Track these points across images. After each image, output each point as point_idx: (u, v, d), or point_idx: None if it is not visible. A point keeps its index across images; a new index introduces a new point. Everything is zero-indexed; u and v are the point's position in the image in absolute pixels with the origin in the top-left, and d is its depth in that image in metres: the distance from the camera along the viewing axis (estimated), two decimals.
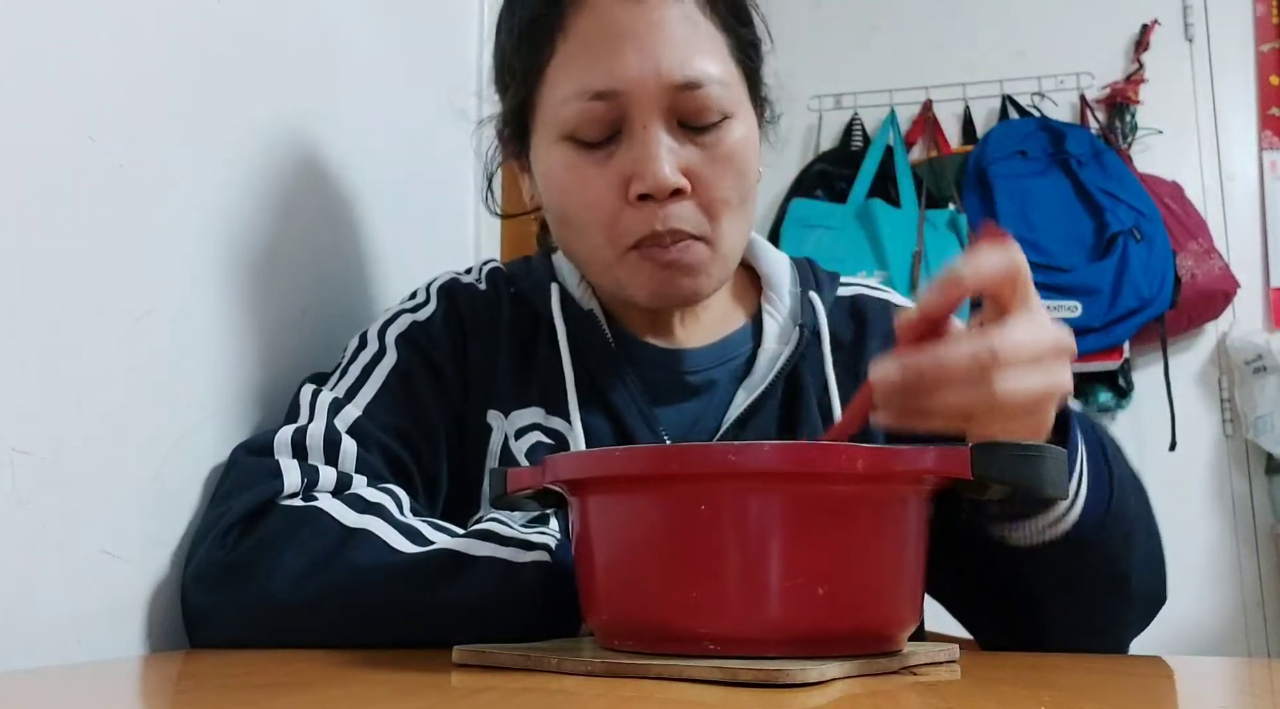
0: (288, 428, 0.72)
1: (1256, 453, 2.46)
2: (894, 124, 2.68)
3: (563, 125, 0.73)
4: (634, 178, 0.71)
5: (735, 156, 0.73)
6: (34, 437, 0.59)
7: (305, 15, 0.91)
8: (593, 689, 0.44)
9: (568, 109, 0.72)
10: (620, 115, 0.71)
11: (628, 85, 0.70)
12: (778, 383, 0.79)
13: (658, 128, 0.71)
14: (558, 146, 0.74)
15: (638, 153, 0.71)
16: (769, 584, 0.47)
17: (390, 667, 0.52)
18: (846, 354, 0.82)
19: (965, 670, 0.52)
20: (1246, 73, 2.64)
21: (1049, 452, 0.47)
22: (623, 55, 0.70)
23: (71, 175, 0.63)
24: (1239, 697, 0.51)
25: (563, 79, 0.72)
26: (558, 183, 0.75)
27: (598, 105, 0.71)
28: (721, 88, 0.72)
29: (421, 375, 0.78)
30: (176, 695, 0.49)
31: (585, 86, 0.71)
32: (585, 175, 0.72)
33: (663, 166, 0.70)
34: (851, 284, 0.88)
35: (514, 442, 0.77)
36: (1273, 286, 2.55)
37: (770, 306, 0.84)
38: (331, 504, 0.67)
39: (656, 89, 0.70)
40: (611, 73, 0.70)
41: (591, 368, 0.79)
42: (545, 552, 0.63)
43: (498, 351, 0.80)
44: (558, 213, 0.77)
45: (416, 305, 0.83)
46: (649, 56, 0.70)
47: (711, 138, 0.72)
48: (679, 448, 0.49)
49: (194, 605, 0.67)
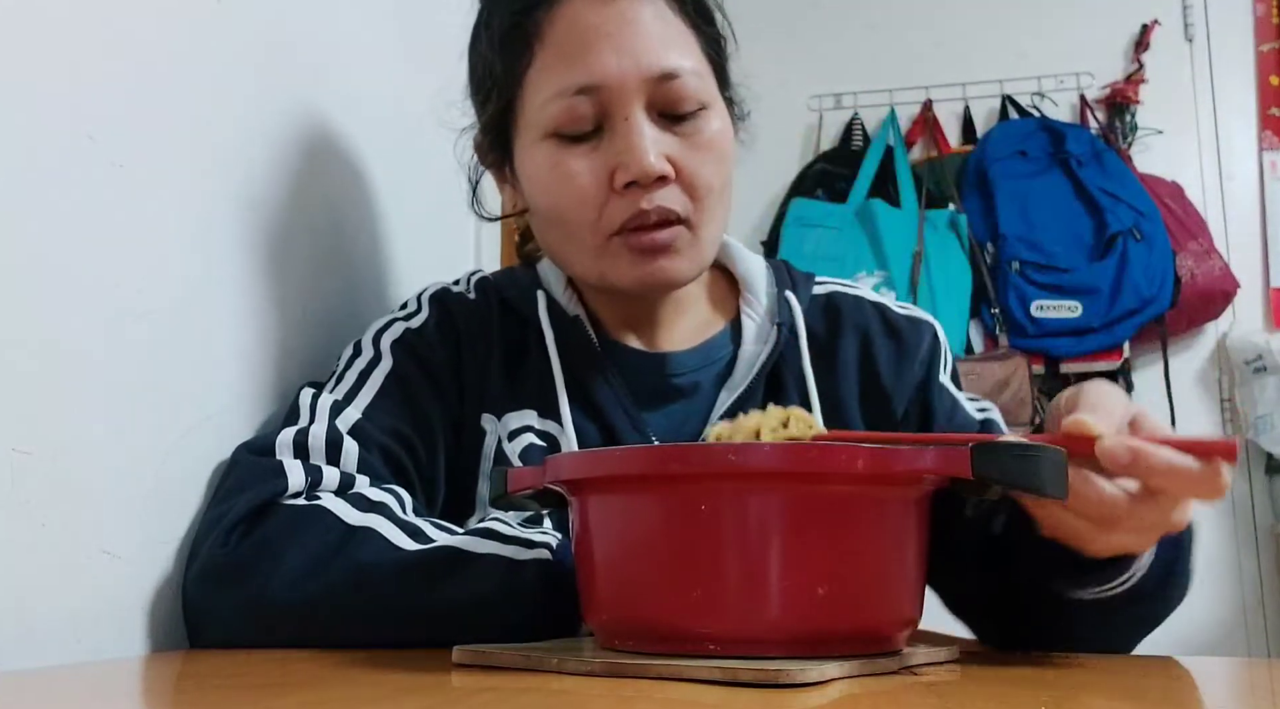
0: (289, 429, 0.72)
1: (1256, 453, 2.46)
2: (894, 124, 2.68)
3: (546, 123, 0.74)
4: (619, 167, 0.73)
5: (715, 144, 0.76)
6: (34, 437, 0.59)
7: (305, 15, 0.91)
8: (593, 689, 0.44)
9: (551, 107, 0.74)
10: (602, 109, 0.73)
11: (608, 79, 0.72)
12: (759, 382, 0.80)
13: (640, 117, 0.73)
14: (542, 145, 0.75)
15: (621, 143, 0.73)
16: (769, 584, 0.47)
17: (390, 667, 0.52)
18: (822, 350, 0.84)
19: (965, 670, 0.52)
20: (1246, 73, 2.64)
21: (1048, 452, 0.47)
22: (601, 52, 0.72)
23: (71, 175, 0.63)
24: (1239, 696, 0.51)
25: (543, 81, 0.74)
26: (543, 180, 0.76)
27: (580, 101, 0.73)
28: (697, 78, 0.75)
29: (417, 380, 0.79)
30: (176, 695, 0.49)
31: (567, 84, 0.73)
32: (571, 170, 0.74)
33: (647, 153, 0.72)
34: (825, 282, 0.90)
35: (507, 443, 0.78)
36: (1273, 286, 2.55)
37: (748, 308, 0.85)
38: (335, 503, 0.67)
39: (636, 81, 0.72)
40: (591, 69, 0.72)
41: (578, 371, 0.80)
42: (546, 550, 0.63)
43: (490, 356, 0.82)
44: (544, 211, 0.78)
45: (409, 314, 0.84)
46: (627, 52, 0.72)
47: (691, 127, 0.75)
48: (679, 448, 0.49)
49: (195, 605, 0.67)
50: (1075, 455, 0.50)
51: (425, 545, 0.64)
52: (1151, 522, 0.53)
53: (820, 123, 2.79)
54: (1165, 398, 2.39)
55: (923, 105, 2.74)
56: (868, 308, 0.87)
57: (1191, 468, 0.50)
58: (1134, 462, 0.50)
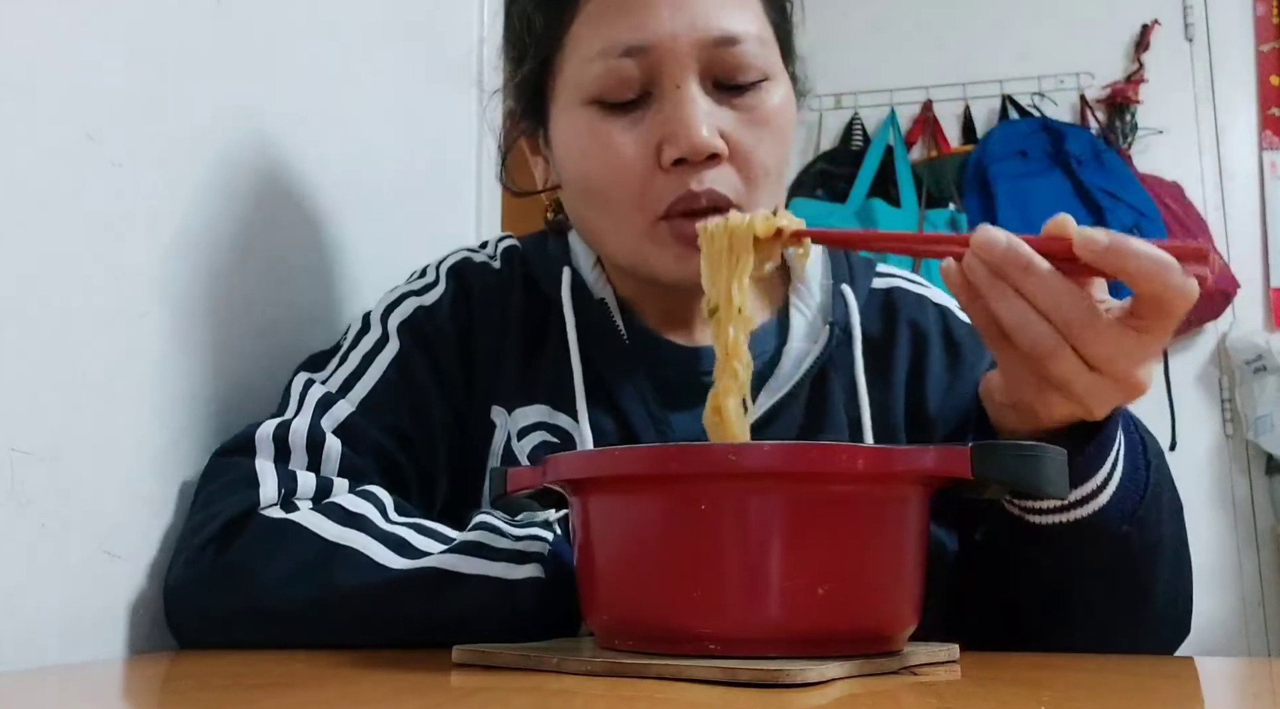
0: (270, 422, 0.70)
1: (1256, 453, 2.46)
2: (894, 124, 2.69)
3: (588, 87, 0.67)
4: (666, 141, 0.66)
5: (775, 120, 0.68)
6: (34, 437, 0.59)
7: (305, 14, 0.91)
8: (593, 689, 0.44)
9: (593, 68, 0.66)
10: (651, 74, 0.66)
11: (659, 39, 0.65)
12: (803, 385, 0.72)
13: (692, 86, 0.65)
14: (582, 110, 0.68)
15: (670, 113, 0.65)
16: (769, 584, 0.47)
17: (390, 667, 0.52)
18: (876, 354, 0.75)
19: (965, 670, 0.52)
20: (1246, 73, 2.64)
21: (1048, 452, 0.47)
22: (654, 7, 0.65)
23: (71, 175, 0.63)
24: (1239, 696, 0.51)
25: (587, 36, 0.67)
26: (581, 150, 0.69)
27: (626, 63, 0.65)
28: (760, 45, 0.67)
29: (422, 370, 0.74)
30: (177, 695, 0.49)
31: (613, 43, 0.66)
32: (613, 141, 0.67)
33: (700, 127, 0.65)
34: (887, 274, 0.81)
35: (516, 442, 0.73)
36: (1273, 286, 2.55)
37: (799, 300, 0.77)
38: (311, 517, 0.64)
39: (691, 44, 0.65)
40: (642, 26, 0.65)
41: (600, 362, 0.73)
42: (539, 564, 0.60)
43: (505, 341, 0.76)
44: (580, 185, 0.71)
45: (424, 286, 0.78)
46: (683, 8, 0.65)
47: (751, 99, 0.67)
48: (679, 448, 0.49)
49: (174, 620, 0.66)
50: (1054, 259, 0.50)
51: (411, 562, 0.61)
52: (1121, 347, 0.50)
53: (820, 123, 2.79)
54: (1165, 398, 2.39)
55: (923, 105, 2.74)
56: (930, 310, 0.79)
57: (1168, 259, 0.49)
58: (1111, 246, 0.49)
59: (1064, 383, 0.52)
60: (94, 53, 0.65)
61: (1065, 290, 0.50)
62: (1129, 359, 0.51)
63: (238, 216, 0.79)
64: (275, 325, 0.84)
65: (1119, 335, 0.50)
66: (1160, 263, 0.49)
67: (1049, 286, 0.50)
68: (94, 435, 0.63)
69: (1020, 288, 0.51)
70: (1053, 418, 0.55)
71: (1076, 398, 0.53)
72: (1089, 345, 0.51)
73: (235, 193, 0.79)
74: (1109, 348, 0.51)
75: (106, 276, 0.65)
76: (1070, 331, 0.51)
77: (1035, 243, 0.51)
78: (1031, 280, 0.50)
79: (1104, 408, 0.54)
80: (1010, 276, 0.51)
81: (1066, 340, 0.51)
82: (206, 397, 0.75)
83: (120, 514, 0.65)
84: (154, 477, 0.69)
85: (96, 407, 0.64)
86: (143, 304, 0.68)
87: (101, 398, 0.64)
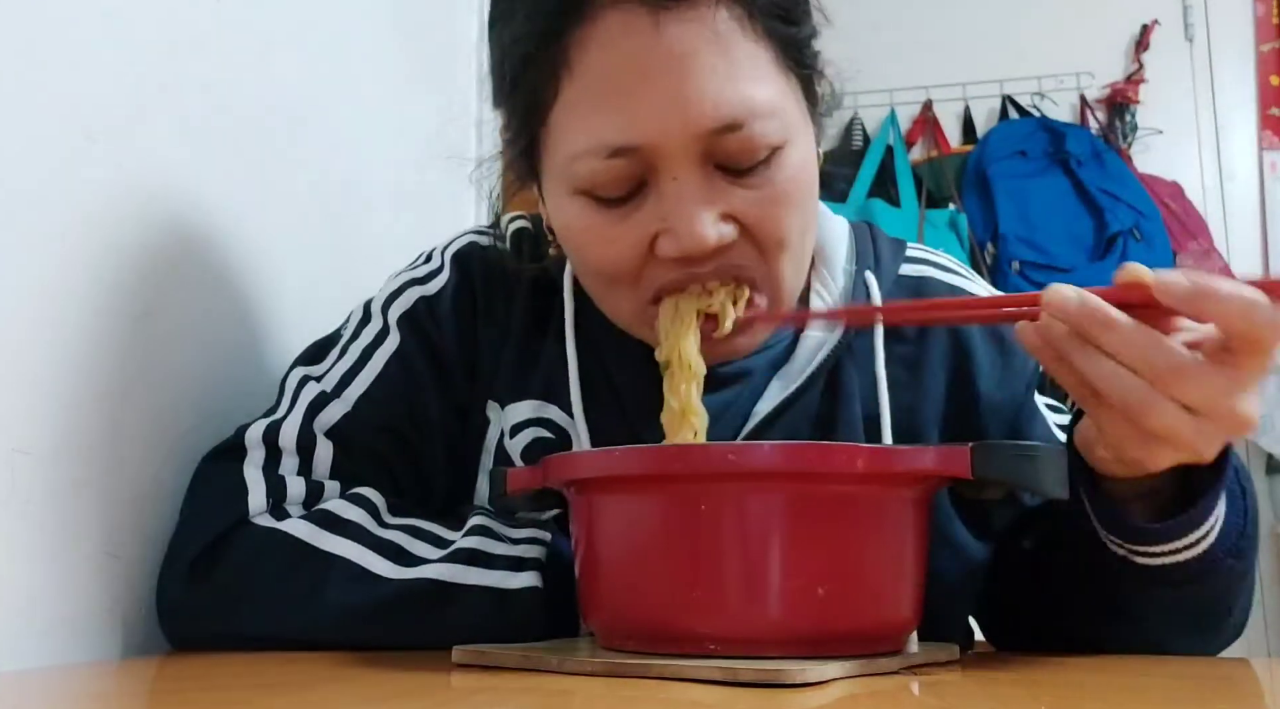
0: (261, 423, 0.69)
1: (1256, 453, 2.45)
2: (894, 124, 2.68)
3: (576, 181, 0.61)
4: (664, 235, 0.60)
5: (791, 191, 0.61)
6: (34, 437, 0.59)
7: (305, 14, 0.91)
8: (593, 689, 0.44)
9: (581, 166, 0.60)
10: (645, 168, 0.59)
11: (650, 138, 0.58)
12: (818, 376, 0.68)
13: (691, 178, 0.59)
14: (572, 200, 0.62)
15: (669, 209, 0.59)
16: (769, 584, 0.47)
17: (390, 667, 0.52)
18: (904, 351, 0.70)
19: (965, 670, 0.52)
20: (1246, 73, 2.64)
21: (1047, 452, 0.47)
22: (641, 100, 0.57)
23: (71, 175, 0.63)
24: (1239, 696, 0.51)
25: (572, 127, 0.60)
26: (574, 238, 0.64)
27: (617, 163, 0.59)
28: (768, 120, 0.59)
29: (421, 366, 0.72)
30: (178, 695, 0.49)
31: (599, 142, 0.58)
32: (606, 234, 0.61)
33: (701, 226, 0.58)
34: (919, 259, 0.75)
35: (509, 440, 0.71)
36: None
37: (820, 285, 0.72)
38: (301, 527, 0.63)
39: (685, 138, 0.58)
40: (630, 126, 0.58)
41: (601, 353, 0.70)
42: (536, 572, 0.59)
43: (508, 331, 0.73)
44: (577, 264, 0.68)
45: (428, 274, 0.75)
46: (674, 99, 0.57)
47: (761, 177, 0.60)
48: (679, 448, 0.49)
49: (170, 635, 0.66)
50: (1130, 307, 0.48)
51: (406, 570, 0.60)
52: (1219, 387, 0.47)
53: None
54: None
55: (923, 105, 2.74)
56: None
57: (1252, 297, 0.46)
58: (1195, 291, 0.46)
59: (1168, 434, 0.49)
60: (94, 53, 0.65)
61: (1149, 342, 0.48)
62: (1229, 398, 0.48)
63: (238, 216, 0.79)
64: (275, 326, 0.84)
65: (1213, 376, 0.48)
66: (1246, 303, 0.46)
67: (1131, 340, 0.48)
68: (94, 435, 0.63)
69: (1102, 345, 0.49)
70: (1161, 467, 0.52)
71: (1185, 446, 0.50)
72: (1184, 393, 0.48)
73: (235, 193, 0.79)
74: (1206, 390, 0.48)
75: (106, 277, 0.65)
76: (1162, 382, 0.48)
77: (1110, 294, 0.49)
78: (1113, 336, 0.48)
79: (1213, 450, 0.51)
80: (1091, 334, 0.49)
81: (1160, 391, 0.48)
82: (206, 397, 0.75)
83: (120, 514, 0.65)
84: (153, 477, 0.69)
85: (96, 407, 0.64)
86: (143, 304, 0.68)
87: (101, 398, 0.64)
